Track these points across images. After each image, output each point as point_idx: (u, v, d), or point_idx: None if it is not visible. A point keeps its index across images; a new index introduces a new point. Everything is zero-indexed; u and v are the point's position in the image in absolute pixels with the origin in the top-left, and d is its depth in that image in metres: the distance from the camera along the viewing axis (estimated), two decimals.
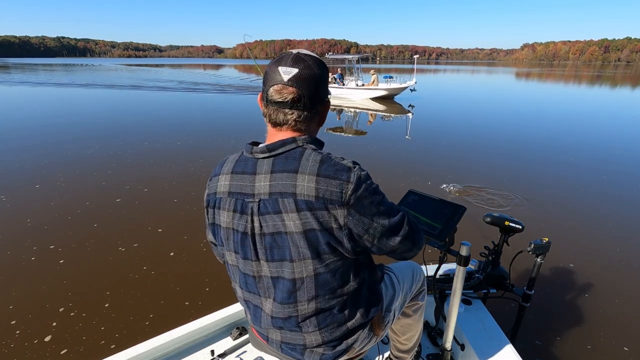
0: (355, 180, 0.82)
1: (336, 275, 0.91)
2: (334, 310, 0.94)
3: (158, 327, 2.39)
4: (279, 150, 0.86)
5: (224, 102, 15.27)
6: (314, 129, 0.95)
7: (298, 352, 1.00)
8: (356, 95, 16.30)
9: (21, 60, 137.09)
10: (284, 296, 0.92)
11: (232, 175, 0.92)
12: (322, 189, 0.81)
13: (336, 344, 0.98)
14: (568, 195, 4.88)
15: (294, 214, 0.82)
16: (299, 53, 0.89)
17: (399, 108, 13.83)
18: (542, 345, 2.29)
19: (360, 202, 0.83)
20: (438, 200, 1.49)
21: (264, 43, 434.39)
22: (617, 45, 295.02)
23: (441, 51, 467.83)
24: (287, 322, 0.95)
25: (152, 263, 3.14)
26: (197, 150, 6.95)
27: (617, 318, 2.54)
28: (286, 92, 0.85)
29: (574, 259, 3.27)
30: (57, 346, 2.22)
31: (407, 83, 16.21)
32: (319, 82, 0.88)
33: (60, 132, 8.65)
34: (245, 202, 0.88)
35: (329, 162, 0.83)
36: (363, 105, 14.36)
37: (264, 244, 0.89)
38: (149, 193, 4.76)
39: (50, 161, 6.11)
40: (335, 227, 0.83)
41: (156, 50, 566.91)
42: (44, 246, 3.38)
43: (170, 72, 40.98)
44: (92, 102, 14.49)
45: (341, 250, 0.87)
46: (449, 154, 7.05)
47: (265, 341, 1.07)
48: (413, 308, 1.39)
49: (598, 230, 3.87)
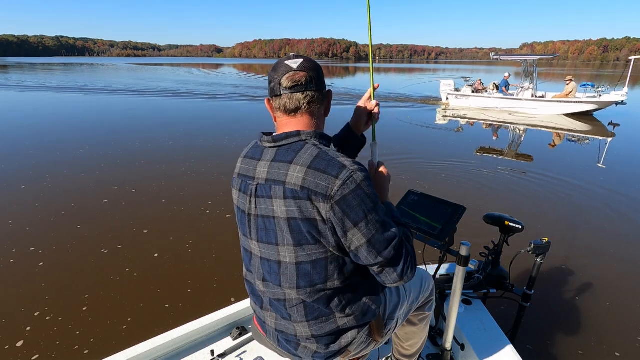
0: (345, 177, 0.83)
1: (317, 267, 0.91)
2: (319, 304, 0.95)
3: (135, 331, 2.35)
4: (283, 142, 0.92)
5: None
6: (323, 117, 1.00)
7: (293, 346, 1.03)
8: (542, 109, 12.15)
9: (20, 59, 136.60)
10: (271, 277, 0.97)
11: (244, 159, 1.01)
12: (308, 180, 0.84)
13: (328, 342, 0.99)
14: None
15: (281, 201, 0.87)
16: (294, 54, 0.98)
17: (598, 127, 10.20)
18: (542, 345, 2.29)
19: (345, 201, 0.83)
20: (438, 200, 1.50)
21: (263, 42, 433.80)
22: (616, 45, 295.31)
23: (440, 51, 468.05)
24: (278, 304, 0.99)
25: (135, 265, 3.09)
26: (189, 150, 6.88)
27: (617, 318, 2.53)
28: (298, 77, 0.91)
29: (574, 258, 3.24)
30: (28, 351, 2.17)
31: (617, 94, 11.54)
32: (320, 69, 0.97)
33: (51, 132, 8.59)
34: (247, 183, 0.96)
35: (324, 157, 0.86)
36: (545, 122, 10.70)
37: (257, 224, 0.96)
38: (137, 194, 4.70)
39: (38, 161, 6.05)
40: (318, 219, 0.85)
41: (155, 50, 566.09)
42: (23, 248, 3.32)
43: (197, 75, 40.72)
44: (100, 107, 14.40)
45: (324, 243, 0.88)
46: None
47: (265, 332, 1.10)
48: (419, 317, 1.36)
49: (598, 230, 3.84)
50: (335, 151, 0.90)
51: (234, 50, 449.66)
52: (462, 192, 4.89)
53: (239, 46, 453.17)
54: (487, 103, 13.35)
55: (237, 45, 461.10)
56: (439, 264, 1.72)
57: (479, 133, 9.37)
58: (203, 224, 3.86)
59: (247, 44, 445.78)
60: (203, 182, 5.13)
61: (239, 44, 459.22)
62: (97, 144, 7.22)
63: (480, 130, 9.76)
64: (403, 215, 1.52)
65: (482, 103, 13.46)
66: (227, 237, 3.55)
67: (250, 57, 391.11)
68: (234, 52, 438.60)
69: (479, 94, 13.71)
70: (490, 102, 13.28)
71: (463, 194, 4.84)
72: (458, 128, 9.75)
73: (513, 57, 14.32)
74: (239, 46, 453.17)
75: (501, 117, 11.53)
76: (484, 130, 9.65)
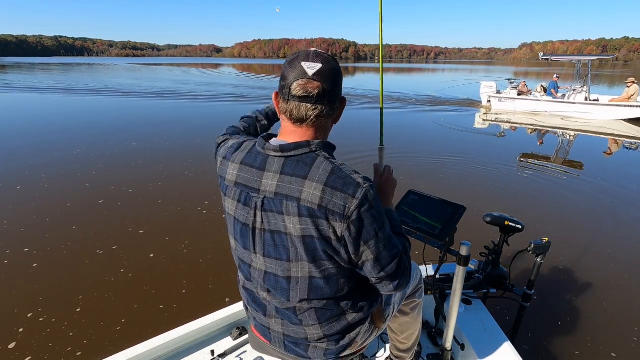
0: (361, 197, 0.82)
1: (330, 282, 0.91)
2: (331, 307, 0.96)
3: (129, 333, 2.33)
4: (292, 152, 0.86)
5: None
6: (330, 127, 0.96)
7: (302, 348, 1.01)
8: (599, 114, 11.01)
9: (18, 59, 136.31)
10: (277, 291, 0.95)
11: (241, 166, 0.92)
12: (326, 199, 0.81)
13: (339, 338, 1.00)
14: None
15: (295, 218, 0.84)
16: (316, 50, 0.90)
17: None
18: (542, 345, 2.28)
19: (360, 220, 0.82)
20: (438, 200, 1.50)
21: (262, 42, 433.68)
22: (615, 45, 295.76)
23: (439, 51, 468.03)
24: (287, 311, 0.97)
25: (130, 265, 3.07)
26: (187, 150, 6.86)
27: (614, 318, 2.53)
28: (311, 87, 0.84)
29: (574, 258, 3.23)
30: (20, 353, 2.15)
31: None
32: (338, 77, 0.89)
33: (49, 132, 8.56)
34: (250, 195, 0.90)
35: (339, 173, 0.84)
36: (601, 128, 9.79)
37: (263, 238, 0.91)
38: (134, 194, 4.68)
39: (34, 162, 6.02)
40: (333, 238, 0.84)
41: (154, 50, 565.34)
42: (18, 249, 3.30)
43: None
44: (100, 107, 14.35)
45: (337, 259, 0.88)
46: None
47: (268, 341, 1.08)
48: (410, 306, 1.39)
49: (598, 230, 3.83)
50: (345, 165, 0.88)
51: (233, 50, 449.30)
52: (513, 202, 4.70)
53: (238, 46, 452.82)
54: (535, 107, 12.29)
55: (236, 45, 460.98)
56: (439, 263, 1.72)
57: (523, 138, 8.76)
58: (199, 224, 3.84)
59: (247, 43, 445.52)
60: (200, 182, 5.11)
61: (238, 44, 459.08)
62: (95, 145, 7.20)
63: (524, 135, 9.11)
64: (403, 215, 1.53)
65: (530, 106, 12.42)
66: (223, 238, 3.54)
67: (250, 57, 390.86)
68: (233, 52, 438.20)
69: (524, 96, 12.71)
70: (539, 105, 12.19)
71: (515, 204, 4.63)
72: (500, 133, 9.18)
73: (565, 57, 12.84)
74: (238, 46, 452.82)
75: (552, 122, 10.57)
76: (529, 136, 9.00)
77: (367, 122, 10.25)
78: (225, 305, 1.72)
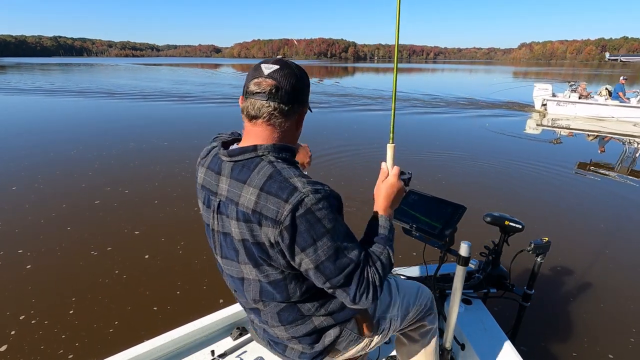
0: (295, 201, 0.78)
1: (277, 288, 0.90)
2: (291, 311, 0.95)
3: (122, 335, 2.31)
4: (239, 157, 0.87)
5: None
6: (291, 131, 0.91)
7: (280, 347, 1.04)
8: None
9: (18, 60, 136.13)
10: (238, 293, 0.99)
11: (207, 170, 0.96)
12: (260, 204, 0.80)
13: (311, 342, 0.98)
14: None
15: (234, 222, 0.86)
16: (282, 58, 0.91)
17: None
18: (542, 345, 2.28)
19: (294, 226, 0.78)
20: (438, 199, 1.49)
21: (262, 42, 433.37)
22: (614, 45, 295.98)
23: (439, 50, 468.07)
24: (253, 311, 1.00)
25: (125, 267, 3.05)
26: (184, 151, 6.84)
27: (612, 318, 2.53)
28: (265, 84, 0.85)
29: (574, 258, 3.22)
30: (12, 356, 2.13)
31: None
32: (298, 81, 0.88)
33: (46, 133, 8.54)
34: (210, 198, 0.94)
35: (277, 177, 0.81)
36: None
37: (219, 240, 0.95)
38: (130, 194, 4.66)
39: (30, 162, 5.99)
40: (267, 243, 0.82)
41: (153, 50, 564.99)
42: (11, 251, 3.27)
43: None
44: (99, 107, 14.32)
45: (276, 265, 0.86)
46: None
47: (259, 337, 1.11)
48: (419, 331, 1.31)
49: (598, 230, 3.82)
50: (292, 168, 0.84)
51: (233, 50, 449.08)
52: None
53: (238, 46, 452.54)
54: (600, 112, 11.01)
55: (236, 45, 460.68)
56: (439, 263, 1.71)
57: (582, 146, 8.11)
58: (195, 225, 3.82)
59: (246, 44, 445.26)
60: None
61: (237, 44, 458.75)
62: (91, 145, 7.17)
63: (584, 142, 8.43)
64: (403, 215, 1.51)
65: (593, 111, 11.16)
66: None
67: (249, 57, 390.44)
68: (233, 52, 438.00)
69: (585, 100, 11.49)
70: (605, 110, 10.90)
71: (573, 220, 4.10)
72: (556, 139, 8.55)
73: (636, 57, 11.70)
74: (238, 46, 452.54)
75: (622, 129, 9.51)
76: (589, 143, 8.29)
77: (418, 127, 9.58)
78: (220, 306, 1.71)
